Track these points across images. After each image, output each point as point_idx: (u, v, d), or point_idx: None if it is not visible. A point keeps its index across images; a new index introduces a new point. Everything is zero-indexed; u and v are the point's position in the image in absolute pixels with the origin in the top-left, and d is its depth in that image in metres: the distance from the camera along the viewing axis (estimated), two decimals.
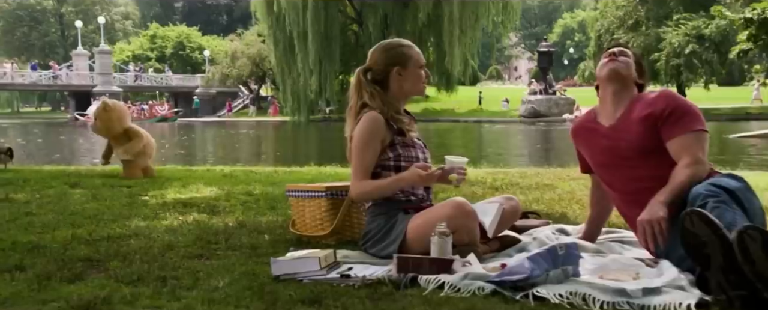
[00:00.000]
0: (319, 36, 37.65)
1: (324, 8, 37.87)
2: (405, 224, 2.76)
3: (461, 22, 37.21)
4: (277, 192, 4.91)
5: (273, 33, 39.19)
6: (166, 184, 5.31)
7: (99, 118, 6.13)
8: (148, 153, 6.30)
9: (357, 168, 2.83)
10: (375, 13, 39.15)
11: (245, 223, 3.65)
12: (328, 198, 3.19)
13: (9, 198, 4.39)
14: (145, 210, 4.08)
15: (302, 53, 38.04)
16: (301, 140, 24.01)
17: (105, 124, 6.12)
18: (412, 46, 2.96)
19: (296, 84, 39.12)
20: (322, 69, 38.65)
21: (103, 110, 6.09)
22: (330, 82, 39.70)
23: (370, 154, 2.82)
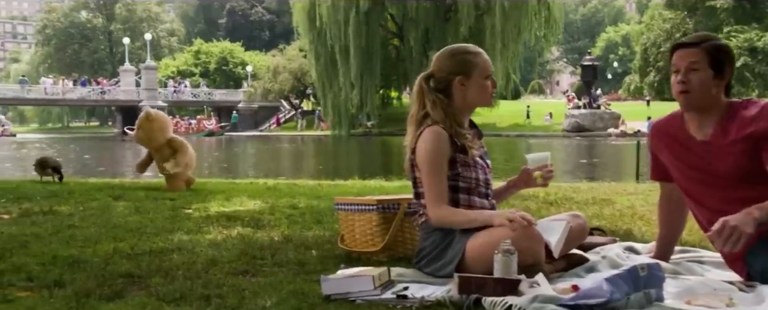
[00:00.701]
0: (361, 50, 37.76)
1: (365, 23, 38.00)
2: (464, 242, 2.56)
3: (503, 36, 36.88)
4: (322, 205, 4.76)
5: (314, 48, 39.44)
6: (210, 197, 5.20)
7: (141, 128, 6.05)
8: (191, 164, 6.24)
9: (434, 193, 2.61)
10: (416, 28, 39.11)
11: (291, 237, 3.49)
12: (379, 212, 3.01)
13: (53, 210, 4.33)
14: (188, 223, 3.96)
15: (343, 68, 38.18)
16: (343, 154, 23.94)
17: (147, 134, 6.05)
18: (480, 53, 2.74)
19: (337, 98, 39.25)
20: (363, 83, 38.71)
21: (145, 120, 6.02)
22: (371, 97, 39.72)
23: (444, 175, 2.62)
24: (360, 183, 7.21)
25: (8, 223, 3.92)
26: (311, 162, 19.33)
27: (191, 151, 6.18)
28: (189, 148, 6.20)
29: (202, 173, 10.75)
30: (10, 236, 3.42)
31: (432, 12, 39.39)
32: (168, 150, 6.09)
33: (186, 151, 6.09)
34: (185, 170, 6.15)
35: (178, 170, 6.00)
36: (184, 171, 6.14)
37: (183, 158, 6.03)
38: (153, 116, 6.04)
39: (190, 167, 6.24)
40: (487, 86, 2.71)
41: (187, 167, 6.18)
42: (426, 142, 2.61)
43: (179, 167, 6.00)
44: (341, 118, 39.58)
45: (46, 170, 6.48)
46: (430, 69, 2.76)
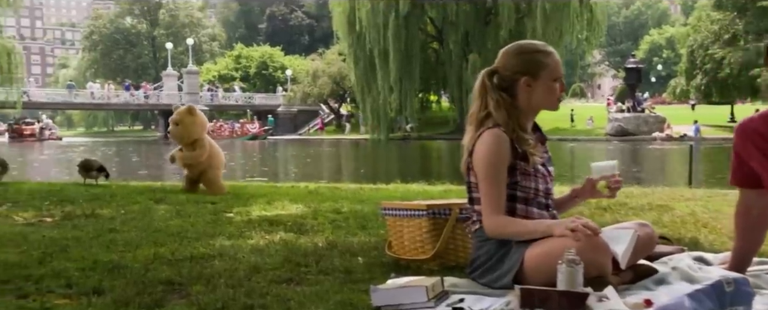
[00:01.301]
0: (400, 54, 37.65)
1: (405, 26, 37.89)
2: (522, 251, 2.38)
3: (544, 39, 36.16)
4: (366, 210, 4.62)
5: (354, 51, 39.42)
6: (251, 200, 5.11)
7: (182, 123, 5.86)
8: (216, 165, 6.03)
9: (490, 200, 2.42)
10: (456, 31, 38.83)
11: (336, 243, 3.36)
12: (430, 218, 2.85)
13: (95, 213, 4.29)
14: (230, 228, 3.86)
15: (382, 71, 38.09)
16: (382, 158, 23.81)
17: (187, 129, 5.86)
18: (551, 53, 2.51)
19: (376, 102, 39.15)
20: (402, 87, 38.56)
21: (188, 113, 5.87)
22: (410, 101, 39.55)
23: (502, 182, 2.43)
24: (402, 187, 7.07)
25: (51, 226, 3.88)
26: (351, 166, 19.26)
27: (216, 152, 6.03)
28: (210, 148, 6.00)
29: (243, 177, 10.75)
30: (51, 240, 3.36)
31: (472, 15, 39.08)
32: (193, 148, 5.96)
33: (204, 151, 5.88)
34: (212, 171, 5.98)
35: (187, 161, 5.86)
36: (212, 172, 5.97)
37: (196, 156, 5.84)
38: (196, 111, 5.94)
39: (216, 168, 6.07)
40: (555, 89, 2.50)
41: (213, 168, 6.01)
42: (485, 145, 2.44)
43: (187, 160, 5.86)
44: (380, 122, 39.45)
45: (91, 172, 6.46)
46: (495, 64, 2.57)
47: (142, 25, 76.05)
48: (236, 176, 10.89)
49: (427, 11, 40.75)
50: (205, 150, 5.86)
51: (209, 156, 5.89)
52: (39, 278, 2.57)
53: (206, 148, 5.88)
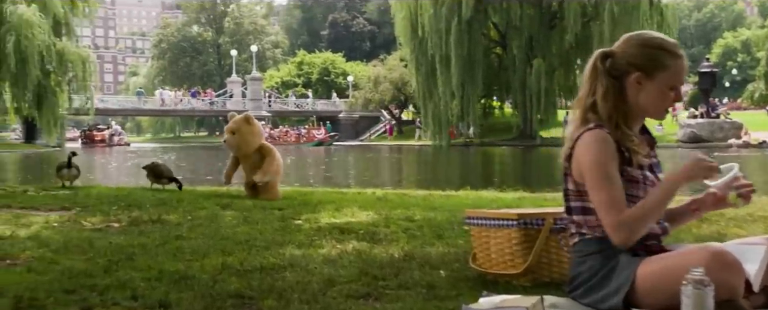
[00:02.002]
0: (462, 59, 37.25)
1: (467, 31, 37.48)
2: (632, 268, 2.07)
3: (612, 43, 34.34)
4: (439, 218, 4.37)
5: (415, 57, 39.25)
6: (319, 207, 4.93)
7: (239, 132, 5.71)
8: (274, 170, 5.89)
9: (611, 203, 2.07)
10: (520, 36, 38.19)
11: (413, 254, 3.12)
12: (521, 228, 2.58)
13: (161, 219, 4.18)
14: (300, 236, 3.67)
15: (444, 77, 37.79)
16: (446, 165, 23.47)
17: (245, 138, 5.71)
18: (678, 56, 2.16)
19: (437, 108, 38.85)
20: (465, 93, 38.16)
21: (245, 122, 5.72)
22: (472, 106, 39.10)
23: (618, 181, 2.10)
24: (473, 194, 6.79)
25: (117, 232, 3.78)
26: (415, 172, 19.01)
27: (279, 159, 5.91)
28: (278, 155, 5.91)
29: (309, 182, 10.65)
30: (117, 247, 3.25)
31: (536, 19, 38.40)
32: (257, 156, 5.81)
33: (275, 158, 5.80)
34: (277, 178, 5.92)
35: (267, 179, 5.72)
36: (276, 178, 5.90)
37: (271, 166, 5.74)
38: (252, 120, 5.81)
39: (278, 174, 5.99)
40: (668, 97, 2.16)
41: (277, 175, 5.94)
42: (589, 147, 2.13)
43: (268, 177, 5.73)
44: (442, 128, 39.10)
45: (162, 179, 6.37)
46: (613, 47, 2.27)
47: (208, 33, 77.83)
48: (302, 182, 10.79)
49: (491, 16, 40.20)
50: (275, 156, 5.75)
51: (268, 161, 5.74)
52: (104, 289, 2.43)
53: (275, 155, 5.77)
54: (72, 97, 38.78)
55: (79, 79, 37.89)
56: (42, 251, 3.06)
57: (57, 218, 4.12)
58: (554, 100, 39.84)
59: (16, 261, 2.89)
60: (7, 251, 3.05)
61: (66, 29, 37.76)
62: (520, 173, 17.93)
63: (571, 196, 2.25)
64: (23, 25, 32.45)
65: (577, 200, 2.22)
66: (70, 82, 38.28)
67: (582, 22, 36.34)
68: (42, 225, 3.82)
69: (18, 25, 32.37)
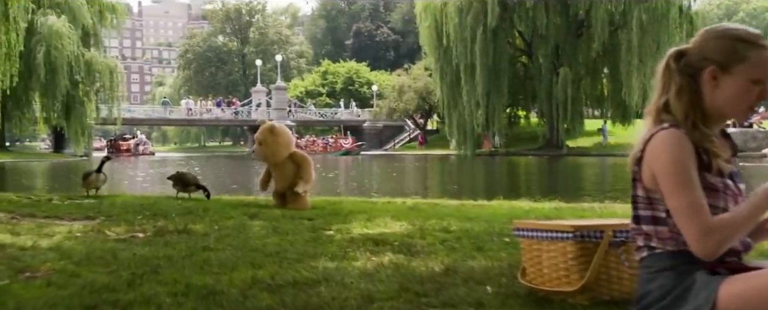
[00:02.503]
0: (487, 68, 36.96)
1: (492, 40, 37.20)
2: (713, 289, 1.84)
3: (640, 51, 34.74)
4: (477, 229, 4.16)
5: (440, 66, 39.06)
6: (350, 217, 4.74)
7: (264, 143, 5.57)
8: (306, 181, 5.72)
9: (692, 207, 1.82)
10: (546, 44, 37.81)
11: (454, 268, 2.92)
12: (577, 241, 2.37)
13: (187, 229, 4.01)
14: (332, 248, 3.48)
15: (469, 86, 37.51)
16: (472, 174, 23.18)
17: (271, 149, 5.58)
18: (761, 45, 1.89)
19: (462, 117, 38.55)
20: (490, 102, 37.83)
21: (269, 133, 5.56)
22: (497, 116, 38.70)
23: (699, 185, 1.85)
24: (507, 204, 6.57)
25: (142, 243, 3.61)
26: (443, 181, 18.76)
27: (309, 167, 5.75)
28: (311, 163, 5.77)
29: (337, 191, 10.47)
30: (142, 259, 3.08)
31: (563, 27, 37.98)
32: (290, 165, 5.65)
33: (310, 166, 5.67)
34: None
35: (306, 188, 5.57)
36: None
37: (309, 174, 5.61)
38: (277, 130, 5.64)
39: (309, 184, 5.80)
40: (750, 94, 1.89)
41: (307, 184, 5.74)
42: (664, 147, 1.88)
43: (307, 186, 5.59)
44: (466, 138, 38.78)
45: (189, 187, 6.21)
46: (686, 45, 2.03)
47: (234, 43, 78.40)
48: (329, 191, 10.62)
49: (516, 24, 39.93)
50: (309, 164, 5.61)
51: (300, 170, 5.58)
52: (127, 305, 2.26)
53: (310, 162, 5.63)
54: (99, 107, 39.19)
55: (107, 89, 38.29)
56: (63, 263, 2.91)
57: (80, 228, 3.98)
58: (581, 109, 39.36)
59: (36, 274, 2.74)
60: (28, 262, 2.91)
61: (94, 40, 38.23)
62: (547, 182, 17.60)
63: (640, 204, 2.01)
64: (53, 35, 32.86)
65: (647, 208, 1.99)
66: (98, 92, 38.71)
67: (609, 30, 35.86)
68: (65, 235, 3.68)
69: (48, 35, 32.79)
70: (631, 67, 34.78)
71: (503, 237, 3.85)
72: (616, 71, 36.44)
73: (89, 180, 6.32)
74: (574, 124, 37.93)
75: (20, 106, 35.74)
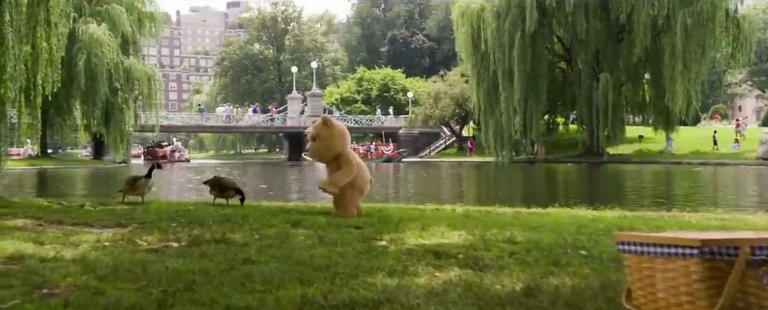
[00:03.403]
0: (525, 74, 36.34)
1: (531, 46, 36.57)
2: None
3: (684, 56, 33.71)
4: (546, 240, 3.71)
5: (477, 72, 38.55)
6: (402, 225, 4.31)
7: (318, 138, 5.04)
8: (357, 185, 5.14)
9: None
10: (586, 50, 36.99)
11: (536, 287, 2.48)
12: (705, 259, 1.92)
13: (226, 239, 3.62)
14: (388, 261, 3.06)
15: (506, 92, 36.92)
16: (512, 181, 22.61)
17: (325, 143, 5.02)
18: None
19: (499, 124, 37.96)
20: (528, 108, 37.18)
21: (324, 126, 5.06)
22: (535, 122, 38.00)
23: None
24: (566, 211, 6.09)
25: (176, 253, 3.23)
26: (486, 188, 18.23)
27: (364, 172, 5.21)
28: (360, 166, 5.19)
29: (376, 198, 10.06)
30: (175, 273, 2.70)
31: (603, 32, 37.14)
32: (336, 167, 5.14)
33: (350, 169, 5.05)
34: (351, 192, 5.10)
35: (330, 190, 5.02)
36: (352, 193, 5.10)
37: (343, 177, 5.01)
38: (332, 123, 5.14)
39: (360, 191, 5.22)
40: None
41: (354, 189, 5.13)
42: None
43: (332, 187, 5.01)
44: (504, 144, 38.12)
45: (227, 191, 5.82)
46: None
47: (269, 50, 78.77)
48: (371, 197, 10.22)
49: (555, 29, 39.18)
50: (352, 167, 5.02)
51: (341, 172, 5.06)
52: None
53: (353, 165, 5.04)
54: (138, 114, 39.50)
55: (145, 97, 38.55)
56: (86, 278, 2.55)
57: (109, 237, 3.62)
58: (622, 115, 38.48)
59: (54, 291, 2.39)
60: (46, 277, 2.55)
61: (133, 48, 38.56)
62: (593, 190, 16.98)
63: None
64: (93, 43, 33.22)
65: None
66: (137, 100, 39.02)
67: (652, 34, 34.88)
68: (92, 245, 3.32)
69: (89, 43, 33.15)
70: (675, 72, 33.80)
71: (578, 250, 3.40)
72: (659, 77, 35.48)
73: (137, 185, 5.94)
74: (615, 130, 37.02)
75: (61, 114, 36.14)
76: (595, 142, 37.34)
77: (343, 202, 5.07)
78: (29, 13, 15.11)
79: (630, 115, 43.77)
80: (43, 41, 15.31)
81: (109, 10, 35.63)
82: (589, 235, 3.94)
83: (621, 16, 37.07)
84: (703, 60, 35.16)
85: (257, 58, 78.01)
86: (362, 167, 5.20)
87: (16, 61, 14.02)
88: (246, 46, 79.50)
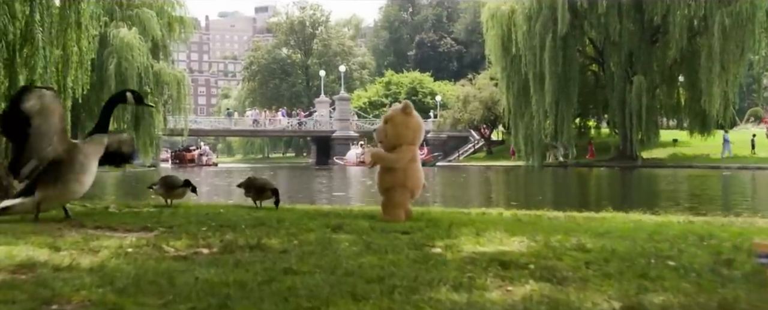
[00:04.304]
0: (557, 77, 35.74)
1: (562, 48, 35.95)
2: None
3: (722, 57, 32.78)
4: (620, 247, 3.28)
5: (507, 75, 38.03)
6: (453, 230, 3.89)
7: (391, 122, 4.62)
8: (410, 186, 4.69)
9: None
10: (618, 52, 36.26)
11: (640, 306, 2.06)
12: None
13: (262, 245, 3.23)
14: (450, 271, 2.66)
15: (537, 95, 36.36)
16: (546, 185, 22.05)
17: (397, 130, 4.59)
18: None
19: (529, 127, 37.39)
20: (559, 111, 36.56)
21: (402, 111, 4.65)
22: (567, 126, 37.31)
23: None
24: (620, 216, 5.63)
25: (206, 261, 2.85)
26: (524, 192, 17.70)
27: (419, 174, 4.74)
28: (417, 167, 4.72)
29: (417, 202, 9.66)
30: (206, 286, 2.32)
31: (636, 34, 36.34)
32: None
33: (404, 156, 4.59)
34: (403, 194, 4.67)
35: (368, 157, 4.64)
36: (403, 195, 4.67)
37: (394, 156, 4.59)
38: (411, 110, 4.70)
39: (413, 195, 4.78)
40: None
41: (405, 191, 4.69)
42: None
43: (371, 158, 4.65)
44: (534, 148, 37.50)
45: (265, 192, 5.37)
46: None
47: (297, 55, 78.82)
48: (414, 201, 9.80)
49: (587, 31, 38.47)
50: (404, 156, 4.57)
51: (405, 175, 4.60)
52: None
53: (405, 156, 4.59)
54: (167, 118, 39.59)
55: (174, 100, 38.61)
56: (103, 292, 2.18)
57: (133, 242, 3.25)
58: (656, 118, 37.66)
59: (65, 307, 2.03)
60: (58, 289, 2.18)
61: (163, 52, 38.65)
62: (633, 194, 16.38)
63: None
64: (124, 47, 33.35)
65: None
66: (166, 103, 39.10)
67: (687, 36, 33.98)
68: (113, 251, 2.96)
69: (119, 47, 33.29)
70: (713, 74, 32.90)
71: (663, 260, 2.97)
72: (695, 79, 34.55)
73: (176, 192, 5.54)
74: (649, 134, 36.17)
75: (92, 117, 36.23)
76: (629, 146, 36.53)
77: (391, 203, 4.63)
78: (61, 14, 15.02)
79: (663, 119, 42.87)
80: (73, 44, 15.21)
81: (140, 14, 35.76)
82: (667, 242, 3.50)
83: (655, 17, 36.23)
84: (742, 62, 34.23)
85: (285, 62, 78.11)
86: (419, 168, 4.75)
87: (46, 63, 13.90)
88: (274, 50, 79.66)
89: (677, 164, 34.11)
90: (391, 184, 4.64)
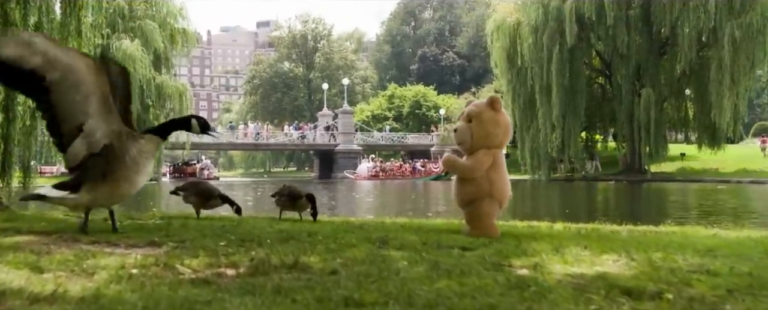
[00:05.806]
0: (563, 89, 35.33)
1: (569, 60, 35.57)
2: None
3: (732, 70, 32.26)
4: (744, 268, 2.62)
5: (513, 87, 37.54)
6: (526, 246, 3.22)
7: (478, 119, 3.82)
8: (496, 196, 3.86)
9: None
10: (626, 64, 35.81)
11: None
12: None
13: (300, 265, 2.51)
14: (561, 302, 2.00)
15: (544, 108, 35.93)
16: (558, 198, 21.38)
17: (485, 129, 3.79)
18: None
19: (536, 140, 36.87)
20: (566, 124, 36.11)
21: (489, 107, 3.84)
22: (573, 139, 36.80)
23: None
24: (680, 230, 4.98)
25: (236, 287, 2.14)
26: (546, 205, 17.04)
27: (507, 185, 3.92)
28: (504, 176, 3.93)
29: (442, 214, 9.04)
30: None
31: (644, 46, 35.93)
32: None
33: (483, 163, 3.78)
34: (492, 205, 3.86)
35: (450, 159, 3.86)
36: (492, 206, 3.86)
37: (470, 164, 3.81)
38: (500, 106, 3.90)
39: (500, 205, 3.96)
40: None
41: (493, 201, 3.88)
42: None
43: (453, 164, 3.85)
44: (540, 162, 36.91)
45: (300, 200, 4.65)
46: None
47: (299, 68, 78.42)
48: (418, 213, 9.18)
49: (594, 44, 38.05)
50: (482, 163, 3.78)
51: (490, 184, 3.81)
52: None
53: (483, 161, 3.78)
54: None
55: (176, 113, 38.07)
56: None
57: (139, 261, 2.54)
58: (664, 132, 37.17)
59: None
60: None
61: (165, 64, 38.23)
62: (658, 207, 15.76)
63: None
64: (126, 59, 32.84)
65: None
66: (168, 116, 38.56)
67: (696, 48, 33.49)
68: (113, 273, 2.25)
69: (122, 59, 32.79)
70: (723, 87, 32.39)
71: None
72: (705, 92, 34.06)
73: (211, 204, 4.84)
74: (657, 147, 35.64)
75: None
76: (637, 160, 35.97)
77: (479, 215, 3.84)
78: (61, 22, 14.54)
79: (672, 132, 42.34)
80: None
81: (142, 25, 35.37)
82: None
83: (663, 29, 35.86)
84: (752, 74, 33.78)
85: (287, 76, 77.71)
86: (505, 175, 3.95)
87: None
88: (276, 64, 79.30)
89: (687, 177, 33.48)
90: (473, 196, 3.87)
